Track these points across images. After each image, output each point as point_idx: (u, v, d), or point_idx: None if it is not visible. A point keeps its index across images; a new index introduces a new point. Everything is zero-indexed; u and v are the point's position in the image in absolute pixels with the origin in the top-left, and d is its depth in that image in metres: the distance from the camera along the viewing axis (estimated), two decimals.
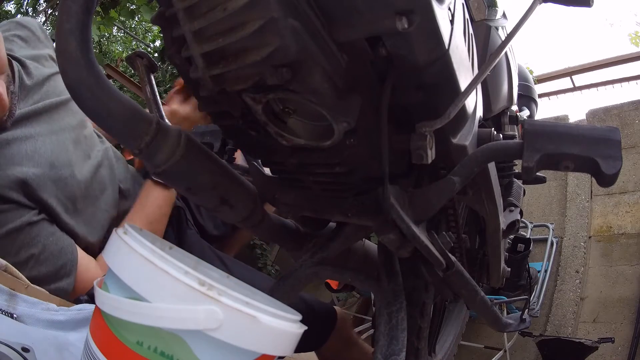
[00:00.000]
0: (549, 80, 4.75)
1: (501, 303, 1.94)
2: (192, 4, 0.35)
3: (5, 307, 0.49)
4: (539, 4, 0.47)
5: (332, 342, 1.02)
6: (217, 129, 0.67)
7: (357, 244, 0.75)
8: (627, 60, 4.28)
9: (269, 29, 0.33)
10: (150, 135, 0.40)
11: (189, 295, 0.31)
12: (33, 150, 0.80)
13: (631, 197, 2.81)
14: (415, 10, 0.36)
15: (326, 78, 0.38)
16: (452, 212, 0.74)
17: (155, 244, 0.35)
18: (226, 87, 0.39)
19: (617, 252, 2.65)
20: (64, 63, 0.36)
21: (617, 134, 0.45)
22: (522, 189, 1.20)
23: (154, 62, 0.57)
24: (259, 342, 0.33)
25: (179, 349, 0.32)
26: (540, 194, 3.14)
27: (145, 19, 2.82)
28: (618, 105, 3.13)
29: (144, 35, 6.99)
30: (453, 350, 1.32)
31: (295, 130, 0.46)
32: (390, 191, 0.47)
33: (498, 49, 0.48)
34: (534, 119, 1.38)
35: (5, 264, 0.56)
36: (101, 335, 0.34)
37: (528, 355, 2.43)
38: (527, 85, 1.46)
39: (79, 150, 0.90)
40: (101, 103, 0.38)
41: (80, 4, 0.36)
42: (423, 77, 0.43)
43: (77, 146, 0.89)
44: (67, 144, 0.87)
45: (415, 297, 0.71)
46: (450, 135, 0.51)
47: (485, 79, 0.78)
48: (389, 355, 0.54)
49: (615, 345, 2.18)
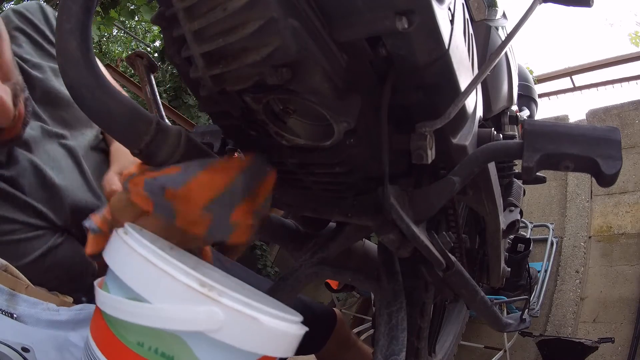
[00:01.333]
0: (549, 80, 4.76)
1: (501, 303, 1.94)
2: (192, 4, 0.35)
3: (5, 307, 0.49)
4: (539, 4, 0.47)
5: (331, 344, 1.02)
6: (217, 129, 0.67)
7: (357, 244, 0.75)
8: (627, 60, 4.29)
9: (269, 29, 0.33)
10: (150, 135, 0.40)
11: (189, 296, 0.31)
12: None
13: (631, 197, 2.81)
14: (415, 10, 0.36)
15: (326, 78, 0.38)
16: (452, 212, 0.74)
17: (156, 244, 0.35)
18: (226, 87, 0.39)
19: (617, 252, 2.66)
20: (64, 63, 0.36)
21: (617, 134, 0.45)
22: (522, 189, 1.20)
23: (154, 62, 0.57)
24: (259, 343, 0.33)
25: (179, 350, 0.32)
26: (540, 194, 3.14)
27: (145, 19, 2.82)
28: (618, 105, 3.13)
29: (144, 35, 6.99)
30: (453, 350, 1.32)
31: (295, 130, 0.46)
32: (390, 191, 0.47)
33: (498, 49, 0.48)
34: (534, 119, 1.38)
35: (6, 264, 0.56)
36: (102, 336, 0.34)
37: (528, 355, 2.43)
38: (527, 85, 1.46)
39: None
40: (101, 103, 0.38)
41: (80, 4, 0.36)
42: (423, 77, 0.43)
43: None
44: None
45: (415, 297, 0.71)
46: (450, 135, 0.51)
47: (485, 79, 0.78)
48: (389, 355, 0.54)
49: (615, 345, 2.18)
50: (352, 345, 1.09)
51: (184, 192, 0.41)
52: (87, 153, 0.88)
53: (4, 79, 0.66)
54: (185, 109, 3.77)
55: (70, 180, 0.81)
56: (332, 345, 1.02)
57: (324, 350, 1.01)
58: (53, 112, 0.85)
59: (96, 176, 0.88)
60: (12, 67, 0.70)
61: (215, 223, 0.42)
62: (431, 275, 0.64)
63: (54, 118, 0.85)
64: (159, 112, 0.57)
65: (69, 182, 0.81)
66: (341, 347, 1.05)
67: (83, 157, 0.87)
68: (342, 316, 1.09)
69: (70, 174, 0.82)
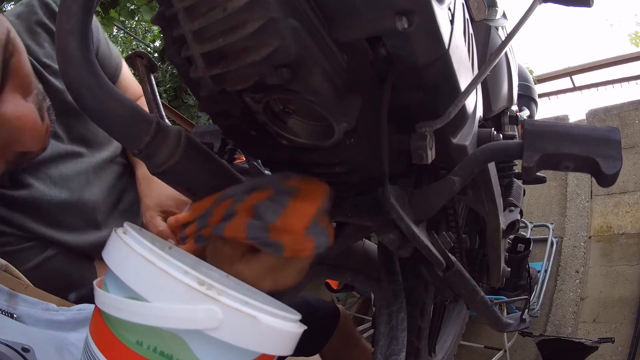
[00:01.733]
0: (549, 80, 4.77)
1: (501, 303, 1.94)
2: (192, 4, 0.35)
3: (5, 307, 0.49)
4: (539, 4, 0.47)
5: (335, 341, 1.02)
6: (217, 129, 0.67)
7: (357, 244, 0.75)
8: (627, 60, 4.29)
9: (269, 29, 0.33)
10: (150, 135, 0.40)
11: (188, 294, 0.31)
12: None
13: (631, 197, 2.81)
14: (415, 10, 0.36)
15: (326, 78, 0.38)
16: (452, 212, 0.74)
17: (155, 243, 0.35)
18: (226, 87, 0.39)
19: (617, 252, 2.66)
20: (64, 63, 0.36)
21: (617, 134, 0.45)
22: (522, 189, 1.20)
23: (154, 62, 0.57)
24: (258, 341, 0.33)
25: (178, 349, 0.32)
26: (540, 194, 3.14)
27: (145, 19, 2.82)
28: (618, 105, 3.14)
29: (144, 35, 6.99)
30: (453, 350, 1.32)
31: (295, 130, 0.46)
32: (390, 191, 0.47)
33: (498, 49, 0.48)
34: (534, 119, 1.38)
35: (6, 264, 0.56)
36: (101, 335, 0.34)
37: (528, 355, 2.43)
38: (527, 85, 1.46)
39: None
40: (101, 103, 0.38)
41: (80, 4, 0.36)
42: (423, 77, 0.43)
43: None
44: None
45: (415, 297, 0.71)
46: (450, 135, 0.51)
47: (485, 79, 0.78)
48: (389, 356, 0.54)
49: (615, 345, 2.18)
50: (355, 343, 1.08)
51: (284, 224, 0.42)
52: (104, 167, 0.87)
53: (26, 94, 0.60)
54: (185, 109, 3.77)
55: (77, 197, 0.80)
56: (335, 342, 1.01)
57: (328, 348, 1.01)
58: (71, 127, 0.82)
59: (111, 191, 0.88)
60: (32, 77, 0.63)
61: (318, 239, 0.43)
62: (431, 275, 0.64)
63: (70, 133, 0.82)
64: (159, 112, 0.57)
65: (76, 198, 0.80)
66: (345, 344, 1.04)
67: (99, 172, 0.86)
68: (346, 313, 1.09)
69: (78, 191, 0.81)
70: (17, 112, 0.54)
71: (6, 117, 0.52)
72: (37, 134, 0.58)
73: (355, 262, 0.75)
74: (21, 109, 0.55)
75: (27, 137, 0.56)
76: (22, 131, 0.55)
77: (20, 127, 0.54)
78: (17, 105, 0.54)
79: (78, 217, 0.81)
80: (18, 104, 0.55)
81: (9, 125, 0.53)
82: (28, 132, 0.56)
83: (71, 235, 0.79)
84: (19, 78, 0.56)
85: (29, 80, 0.60)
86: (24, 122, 0.55)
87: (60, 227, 0.78)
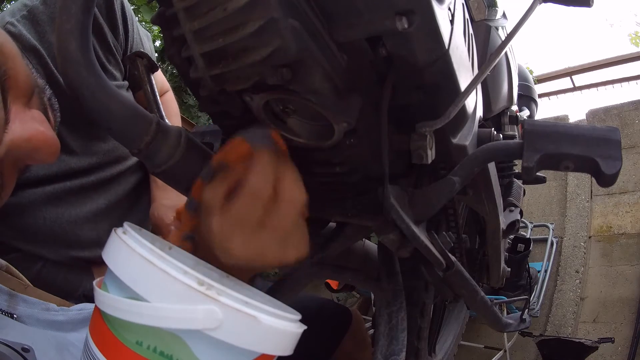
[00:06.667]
0: (549, 80, 4.77)
1: (501, 303, 1.94)
2: (192, 4, 0.35)
3: (5, 307, 0.49)
4: (539, 4, 0.47)
5: (347, 343, 1.01)
6: (217, 129, 0.67)
7: (357, 244, 0.75)
8: (627, 60, 4.29)
9: (269, 29, 0.33)
10: (150, 135, 0.40)
11: (188, 294, 0.31)
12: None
13: (631, 197, 2.81)
14: (415, 10, 0.36)
15: (326, 78, 0.38)
16: (452, 212, 0.74)
17: (155, 244, 0.35)
18: (226, 87, 0.39)
19: (617, 252, 2.66)
20: (64, 63, 0.36)
21: (617, 134, 0.45)
22: (522, 189, 1.20)
23: (154, 62, 0.57)
24: (258, 341, 0.33)
25: (178, 349, 0.32)
26: (540, 194, 3.14)
27: (145, 19, 2.81)
28: (618, 105, 3.13)
29: None
30: (453, 350, 1.32)
31: (295, 130, 0.46)
32: (390, 191, 0.47)
33: (498, 49, 0.48)
34: (534, 119, 1.38)
35: (6, 264, 0.56)
36: (100, 335, 0.34)
37: (528, 355, 2.43)
38: (527, 85, 1.46)
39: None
40: (101, 103, 0.38)
41: (80, 4, 0.36)
42: (423, 77, 0.43)
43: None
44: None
45: (415, 297, 0.71)
46: (450, 135, 0.51)
47: (485, 79, 0.78)
48: (389, 355, 0.54)
49: (615, 345, 2.18)
50: (367, 346, 1.07)
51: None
52: (119, 181, 0.88)
53: (28, 99, 0.55)
54: (185, 109, 3.76)
55: (76, 216, 0.81)
56: (349, 344, 1.00)
57: (341, 349, 1.00)
58: (88, 142, 0.81)
59: (124, 202, 0.89)
60: (30, 77, 0.57)
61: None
62: (431, 275, 0.64)
63: (86, 148, 0.82)
64: (159, 112, 0.57)
65: (76, 218, 0.81)
66: (357, 347, 1.03)
67: (111, 186, 0.86)
68: (358, 315, 1.07)
69: (80, 209, 0.82)
70: (25, 133, 0.49)
71: (15, 142, 0.49)
72: (51, 150, 0.54)
73: (355, 262, 0.75)
74: (29, 127, 0.50)
75: (40, 155, 0.53)
76: (35, 151, 0.52)
77: (32, 148, 0.51)
78: (24, 123, 0.50)
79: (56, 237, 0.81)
80: (24, 120, 0.50)
81: (19, 149, 0.50)
82: (41, 151, 0.53)
83: (46, 250, 0.80)
84: (19, 85, 0.52)
85: (28, 82, 0.55)
86: (35, 143, 0.51)
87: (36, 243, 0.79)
